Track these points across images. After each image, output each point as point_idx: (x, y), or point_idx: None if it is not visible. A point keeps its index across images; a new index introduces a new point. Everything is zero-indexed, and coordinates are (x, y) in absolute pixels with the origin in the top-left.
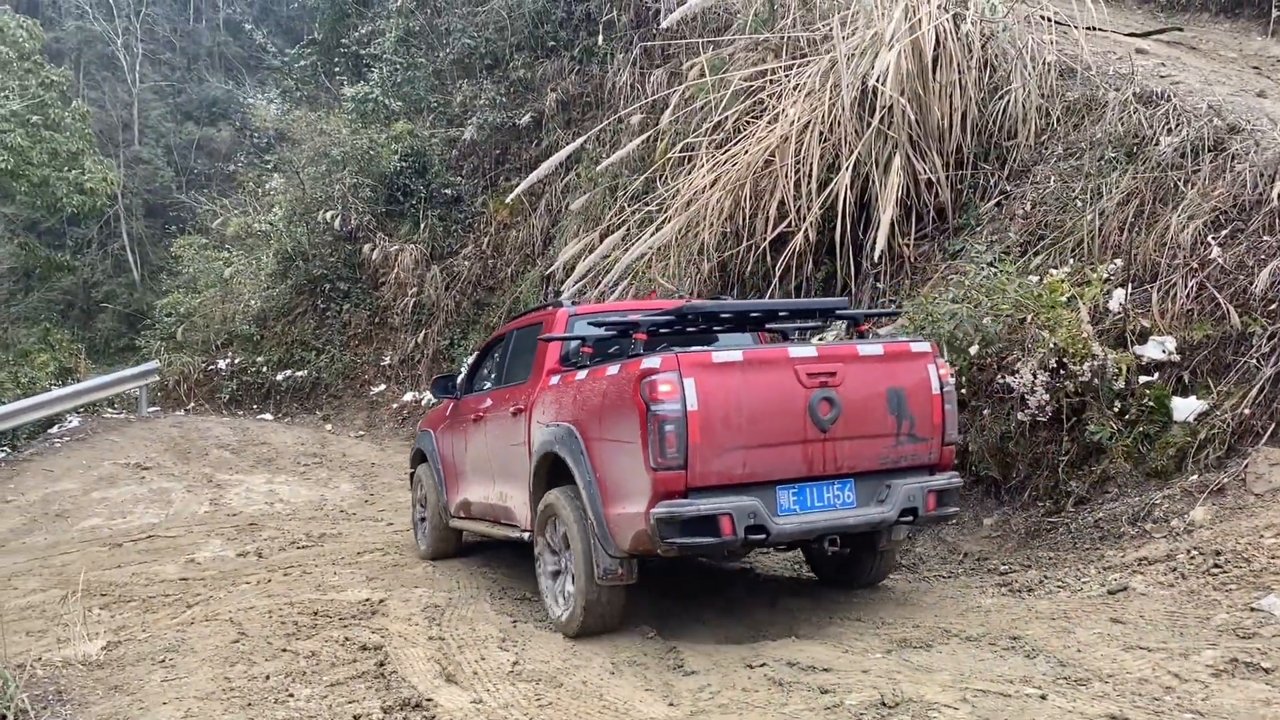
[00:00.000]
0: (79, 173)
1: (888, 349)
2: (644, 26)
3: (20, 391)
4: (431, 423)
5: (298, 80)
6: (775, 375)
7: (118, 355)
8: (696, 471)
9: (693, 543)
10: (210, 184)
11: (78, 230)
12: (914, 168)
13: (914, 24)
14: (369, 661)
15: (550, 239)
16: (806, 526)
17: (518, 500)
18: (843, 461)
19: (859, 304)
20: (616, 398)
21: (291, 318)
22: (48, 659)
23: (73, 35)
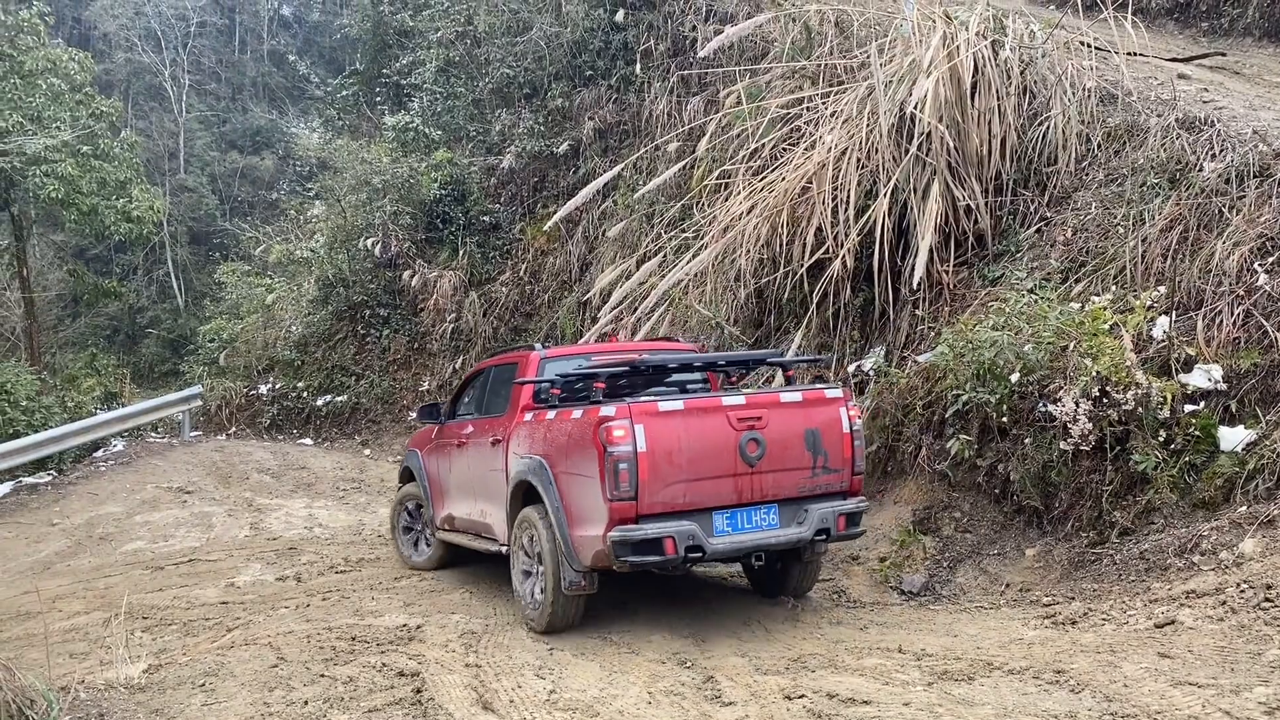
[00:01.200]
0: (127, 201)
1: (805, 395)
2: (681, 55)
3: (67, 416)
4: (418, 443)
5: (340, 110)
6: (711, 420)
7: (161, 380)
8: (645, 502)
9: (643, 560)
10: (253, 211)
11: (124, 257)
12: (953, 194)
13: (952, 51)
14: (406, 688)
15: (587, 265)
16: (737, 545)
17: (496, 518)
18: (767, 490)
19: (898, 330)
20: (579, 438)
21: (332, 343)
22: (90, 681)
23: (122, 67)
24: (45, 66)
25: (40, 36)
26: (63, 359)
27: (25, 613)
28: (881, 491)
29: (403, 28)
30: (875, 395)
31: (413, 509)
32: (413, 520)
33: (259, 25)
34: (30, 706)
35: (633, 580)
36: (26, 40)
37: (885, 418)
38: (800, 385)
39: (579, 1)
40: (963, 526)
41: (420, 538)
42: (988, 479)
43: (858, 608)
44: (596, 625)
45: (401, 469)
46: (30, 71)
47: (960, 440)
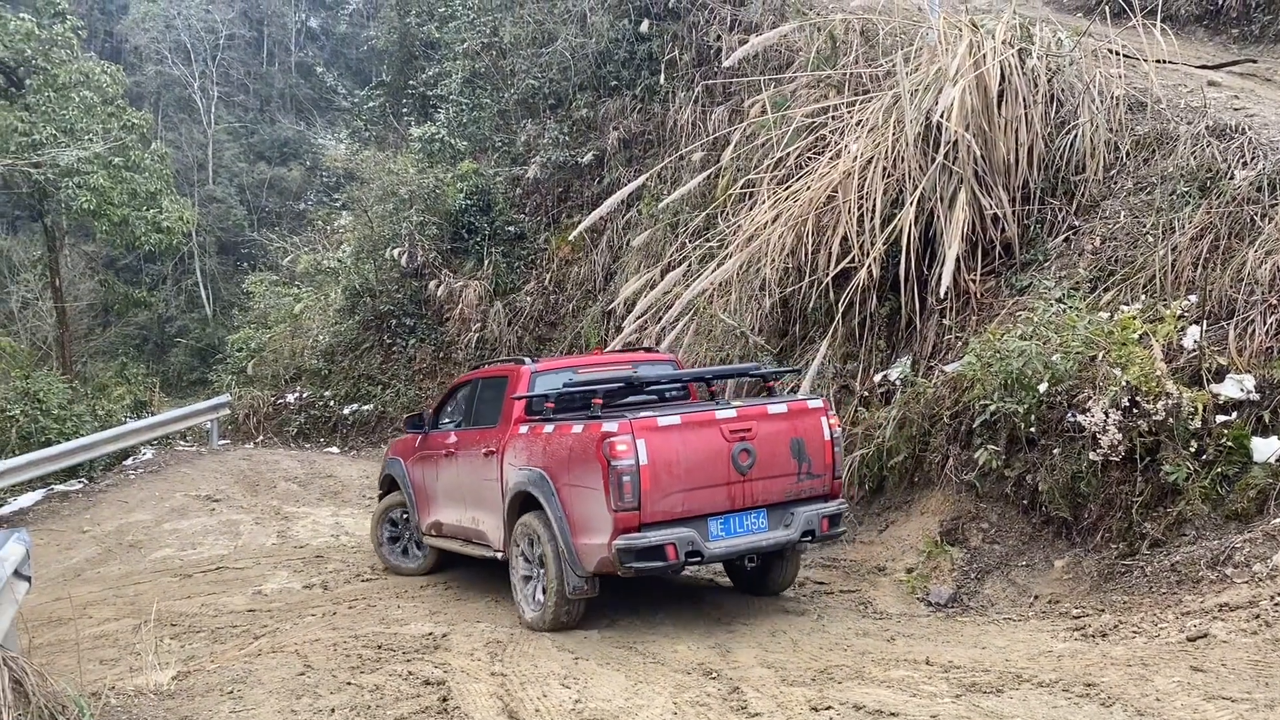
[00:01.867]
0: (157, 212)
1: (790, 407)
2: (705, 65)
3: (98, 424)
4: (400, 452)
5: (366, 121)
6: (705, 433)
7: (189, 389)
8: (647, 511)
9: (646, 565)
10: (281, 222)
11: (153, 267)
12: (979, 203)
13: (978, 59)
14: (432, 697)
15: (611, 275)
16: (731, 549)
17: (490, 524)
18: (757, 497)
19: (925, 340)
20: (581, 452)
21: (359, 353)
22: (120, 687)
23: (152, 79)
24: (78, 79)
25: (74, 50)
26: (93, 367)
27: (57, 619)
28: (908, 502)
29: (429, 39)
30: (902, 405)
31: (397, 518)
32: (397, 529)
33: (286, 37)
34: (62, 712)
35: (657, 590)
36: (60, 54)
37: (912, 428)
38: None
39: (604, 12)
40: (990, 537)
41: (408, 545)
42: (1016, 490)
43: (884, 619)
44: (621, 635)
45: (383, 478)
46: (64, 84)
47: (988, 450)
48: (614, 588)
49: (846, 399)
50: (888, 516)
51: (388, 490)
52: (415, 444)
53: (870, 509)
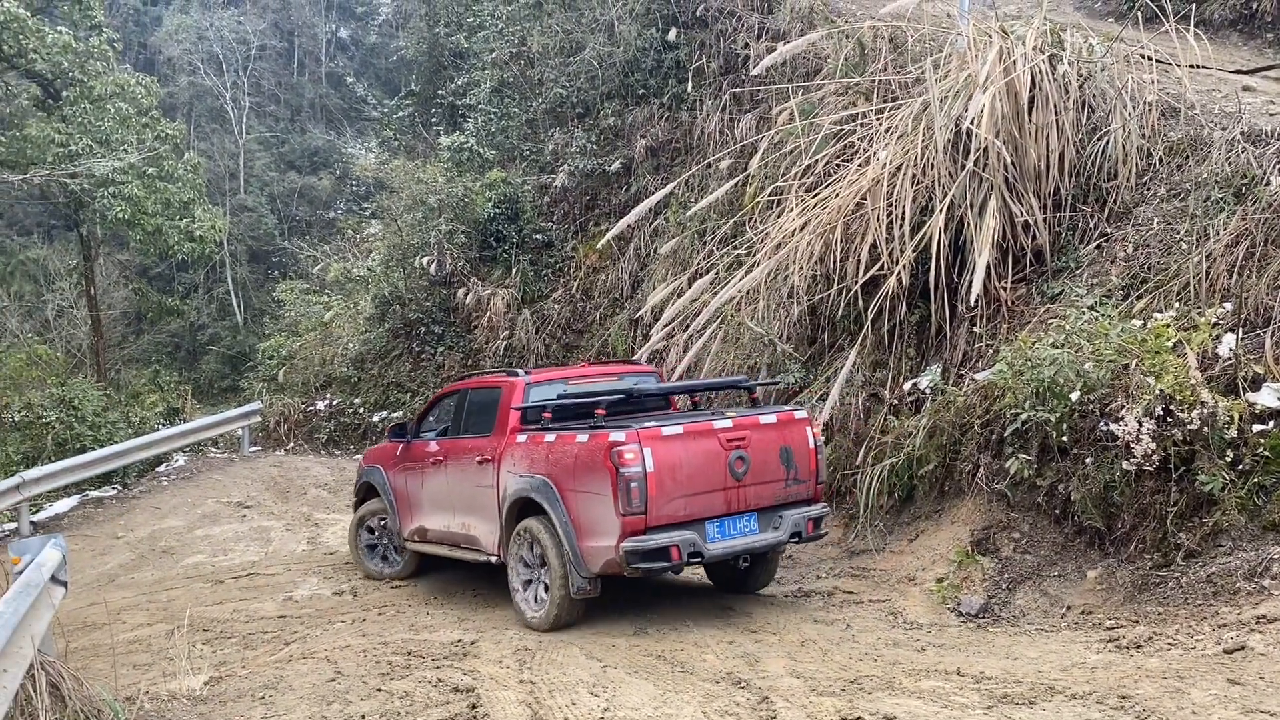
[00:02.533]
0: (190, 221)
1: (779, 417)
2: (733, 73)
3: (131, 431)
4: (379, 460)
5: (396, 130)
6: (705, 442)
7: (221, 396)
8: (653, 515)
9: (652, 566)
10: (311, 231)
11: (186, 275)
12: (1010, 210)
13: (1008, 66)
14: (461, 704)
15: (639, 283)
16: (728, 549)
17: (483, 529)
18: (750, 501)
19: (955, 348)
20: (588, 460)
21: (388, 360)
22: (154, 692)
23: (185, 90)
24: (114, 91)
25: (109, 62)
26: (127, 375)
27: (91, 624)
28: (938, 511)
29: (458, 49)
30: (932, 413)
31: (375, 525)
32: (375, 536)
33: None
34: (97, 716)
35: (685, 599)
36: (96, 66)
37: (942, 436)
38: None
39: (631, 21)
40: (1022, 547)
41: (387, 550)
42: (1048, 499)
43: (915, 629)
44: (649, 643)
45: (360, 486)
46: (99, 96)
47: (1019, 459)
48: (642, 598)
49: (876, 407)
50: (918, 526)
51: (364, 498)
52: (397, 452)
53: (900, 518)
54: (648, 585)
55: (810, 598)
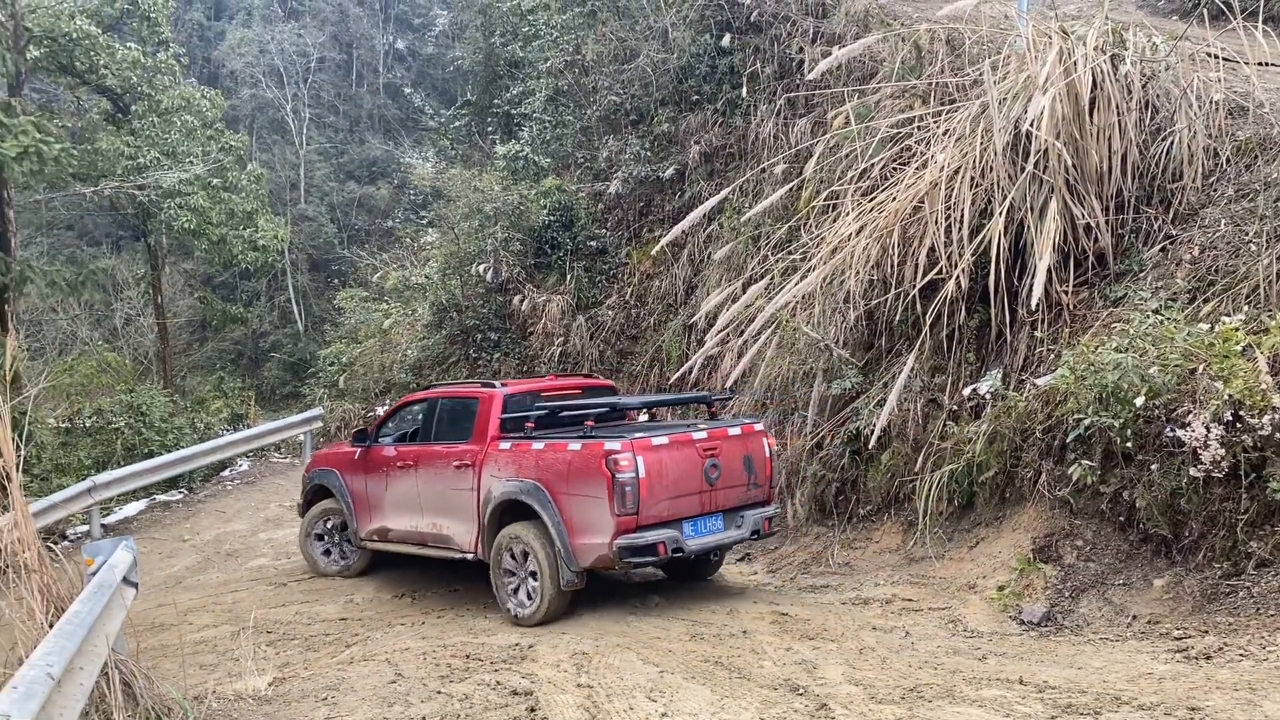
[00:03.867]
0: (253, 231)
1: (744, 429)
2: (787, 78)
3: (197, 436)
4: (333, 464)
5: (452, 140)
6: (686, 450)
7: (282, 402)
8: (643, 515)
9: (641, 560)
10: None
11: (248, 284)
12: (1071, 212)
13: (1069, 67)
14: (520, 707)
15: (692, 288)
16: (703, 545)
17: (458, 529)
18: (719, 503)
19: (1015, 352)
20: (583, 467)
21: (445, 366)
22: (220, 692)
23: (247, 103)
24: (180, 105)
25: (175, 76)
26: (191, 381)
27: (160, 624)
28: (999, 518)
29: (513, 59)
30: (992, 419)
31: (327, 525)
32: (326, 537)
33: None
34: (168, 714)
35: (742, 605)
36: (163, 80)
37: (1003, 442)
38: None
39: (685, 28)
40: (1085, 555)
41: (339, 549)
42: (1111, 506)
43: (975, 637)
44: (705, 648)
45: (310, 489)
46: (166, 110)
47: (1082, 466)
48: (696, 602)
49: (934, 413)
50: (978, 533)
51: (314, 499)
52: (354, 457)
53: (959, 525)
54: (703, 590)
55: (868, 605)
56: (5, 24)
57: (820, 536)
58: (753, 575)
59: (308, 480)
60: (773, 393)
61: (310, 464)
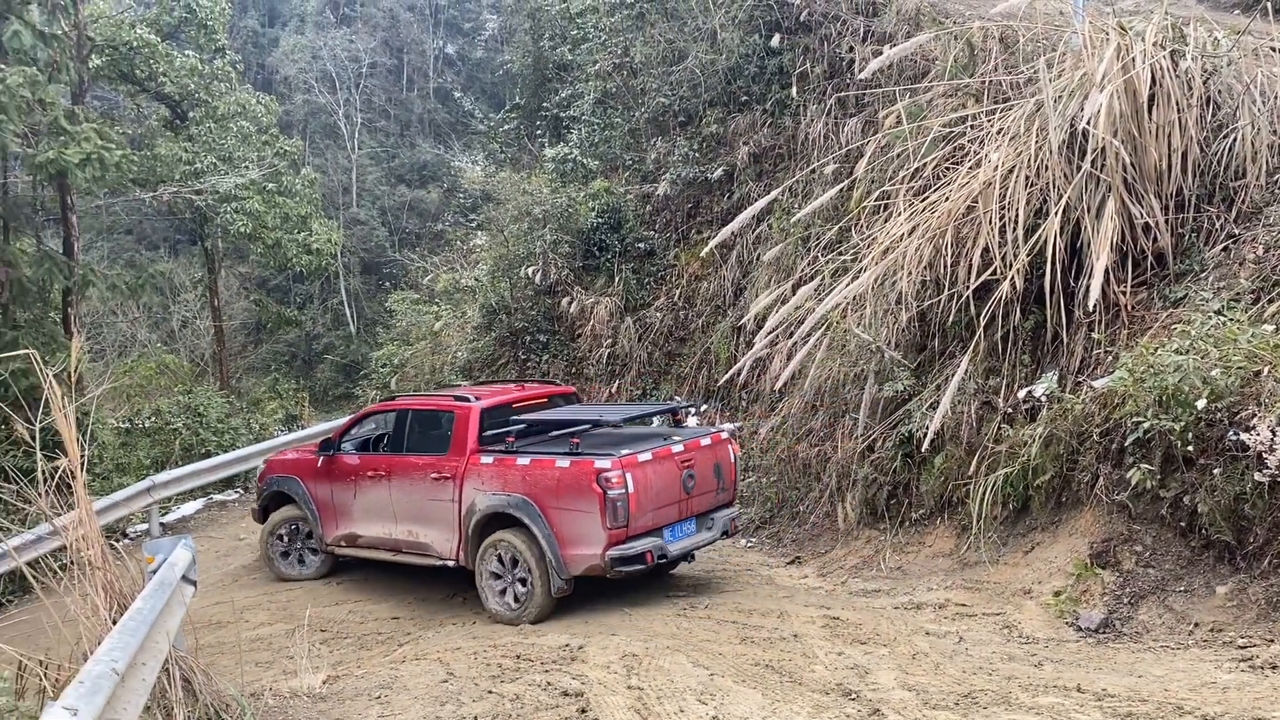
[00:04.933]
0: (307, 235)
1: (713, 438)
2: (838, 77)
3: (252, 437)
4: (293, 471)
5: (502, 143)
6: (668, 463)
7: (335, 403)
8: (632, 527)
9: (630, 568)
10: (420, 242)
11: (301, 287)
12: (1129, 211)
13: (1127, 63)
14: (571, 708)
15: (741, 290)
16: (682, 548)
17: (436, 537)
18: (694, 509)
19: (1072, 354)
20: (574, 484)
21: (495, 368)
22: (277, 689)
23: (300, 108)
24: (236, 111)
25: (231, 83)
26: (246, 383)
27: (217, 622)
28: (1055, 523)
29: (562, 62)
30: (1048, 422)
31: (288, 531)
32: (286, 542)
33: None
34: (225, 710)
35: (791, 608)
36: (220, 87)
37: (1059, 445)
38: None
39: (734, 29)
40: (1145, 561)
41: (300, 554)
42: (1172, 511)
43: (1031, 643)
44: (756, 652)
45: (268, 495)
46: (223, 116)
47: (1141, 470)
48: (746, 604)
49: (989, 416)
50: (1033, 537)
51: (273, 506)
52: (317, 464)
53: (1014, 529)
54: (753, 593)
55: (921, 609)
56: (69, 34)
57: (871, 540)
58: (803, 579)
59: (264, 488)
60: (823, 395)
61: (264, 471)
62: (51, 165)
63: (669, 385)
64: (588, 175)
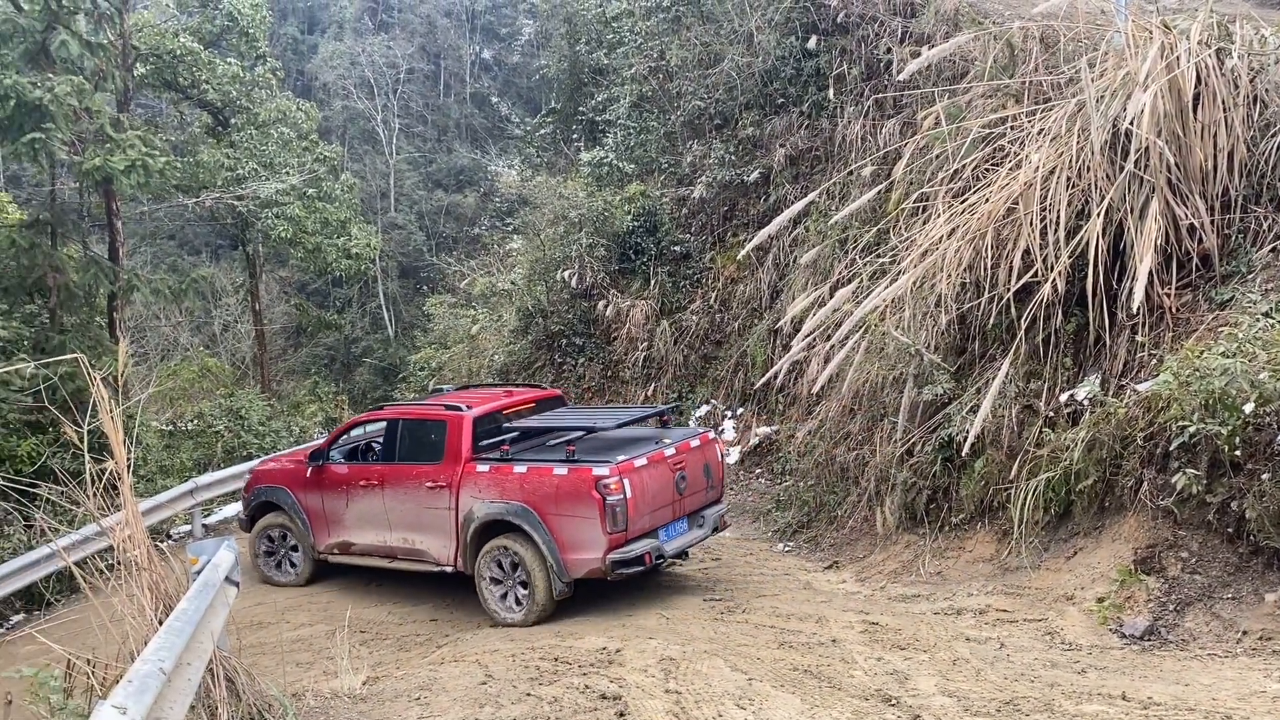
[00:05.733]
0: (347, 239)
1: (701, 439)
2: (875, 78)
3: (293, 439)
4: (281, 481)
5: (538, 147)
6: (661, 467)
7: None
8: (630, 531)
9: (629, 570)
10: (457, 246)
11: (340, 291)
12: (1173, 212)
13: (1171, 62)
14: (609, 711)
15: (778, 293)
16: (676, 548)
17: (433, 544)
18: (686, 508)
19: (1115, 357)
20: (573, 491)
21: (531, 371)
22: (318, 689)
23: (339, 114)
24: (276, 117)
25: (272, 90)
26: (286, 385)
27: (258, 622)
28: (1098, 528)
29: (598, 66)
30: (1090, 426)
31: (276, 536)
32: (274, 545)
33: (462, 69)
34: (268, 710)
35: (830, 612)
36: (261, 94)
37: (1101, 450)
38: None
39: (770, 31)
40: (1191, 567)
41: (284, 560)
42: (1219, 517)
43: (1074, 650)
44: (794, 657)
45: (257, 504)
46: (264, 122)
47: (1187, 475)
48: (784, 608)
49: (1030, 420)
50: (1075, 543)
51: (260, 515)
52: (305, 474)
53: (1056, 534)
54: (790, 598)
55: (961, 615)
56: (114, 43)
57: (910, 545)
58: (841, 583)
59: (250, 499)
60: (861, 398)
61: (251, 482)
62: (98, 172)
63: (705, 388)
64: (623, 179)
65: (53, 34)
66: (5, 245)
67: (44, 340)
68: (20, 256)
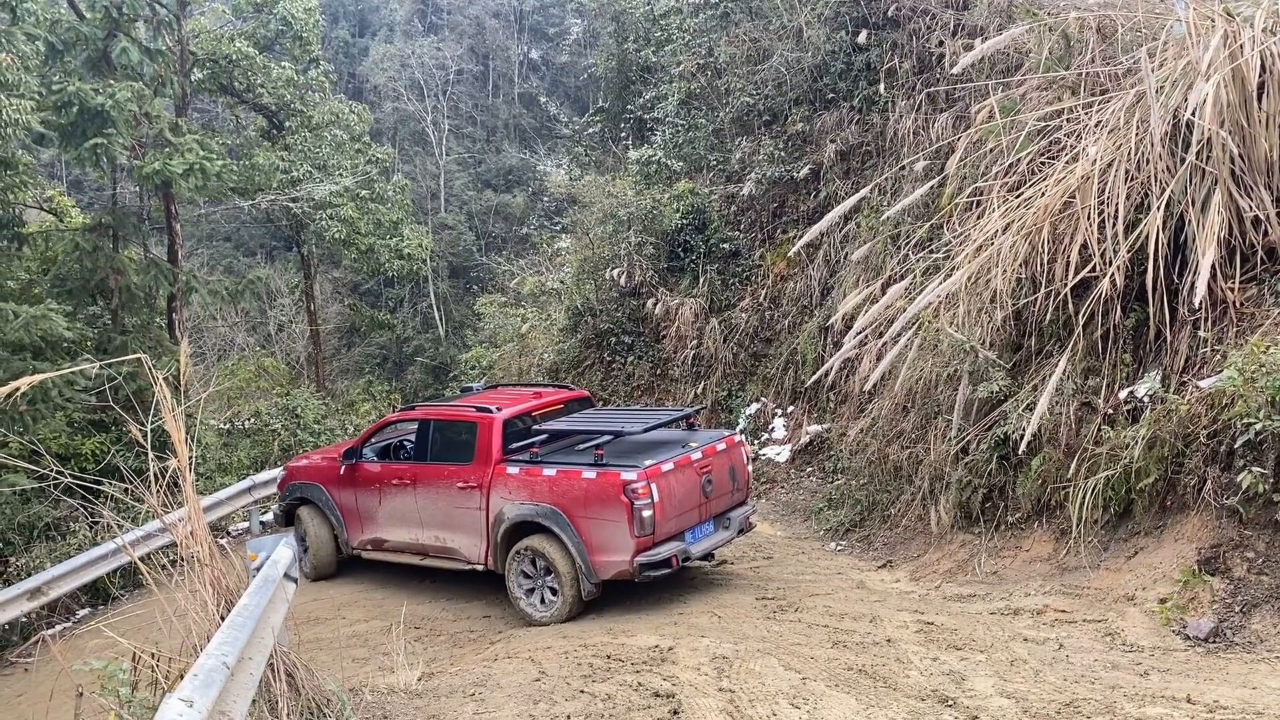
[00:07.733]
0: (399, 240)
1: (727, 442)
2: (927, 72)
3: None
4: (316, 479)
5: (586, 147)
6: (688, 471)
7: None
8: (657, 534)
9: (656, 572)
10: (506, 246)
11: (392, 291)
12: (1237, 205)
13: (1234, 50)
14: (663, 709)
15: (828, 290)
16: (702, 550)
17: (465, 543)
18: (712, 511)
19: (1176, 353)
20: (602, 495)
21: (580, 370)
22: (374, 685)
23: (390, 116)
24: (329, 120)
25: (325, 93)
26: (340, 385)
27: (315, 618)
28: (1159, 528)
29: (645, 64)
30: (1151, 423)
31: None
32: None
33: (510, 70)
34: (327, 705)
35: (883, 612)
36: (314, 97)
37: (1163, 447)
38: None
39: (820, 26)
40: (1257, 568)
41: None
42: None
43: (1135, 651)
44: (848, 656)
45: (290, 502)
46: (317, 125)
47: (1253, 473)
48: (837, 608)
49: (1088, 417)
50: (1136, 542)
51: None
52: (339, 472)
53: (1116, 534)
54: (844, 598)
55: (1018, 615)
56: (172, 49)
57: (966, 544)
58: (895, 583)
59: (285, 495)
60: (914, 396)
61: (284, 479)
62: (157, 176)
63: (754, 386)
64: (672, 176)
65: (113, 41)
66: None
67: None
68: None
